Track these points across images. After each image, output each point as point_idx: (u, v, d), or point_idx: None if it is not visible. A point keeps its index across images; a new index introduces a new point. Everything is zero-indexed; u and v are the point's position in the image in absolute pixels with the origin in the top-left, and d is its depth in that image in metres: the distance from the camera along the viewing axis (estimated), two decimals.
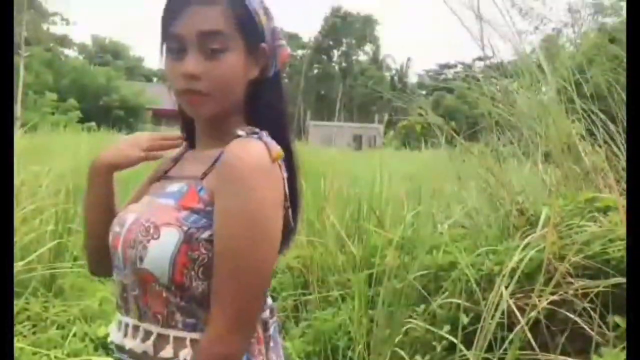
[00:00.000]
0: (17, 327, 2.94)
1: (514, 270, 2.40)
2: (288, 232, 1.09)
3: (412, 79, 53.58)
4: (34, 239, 3.41)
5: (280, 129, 1.12)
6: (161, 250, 1.00)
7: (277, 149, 1.03)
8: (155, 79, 51.32)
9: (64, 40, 32.52)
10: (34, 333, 3.10)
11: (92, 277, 4.31)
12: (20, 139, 6.48)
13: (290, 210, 1.08)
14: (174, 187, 1.11)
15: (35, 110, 16.80)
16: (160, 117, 27.12)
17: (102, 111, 22.01)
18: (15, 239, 3.26)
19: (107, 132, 12.74)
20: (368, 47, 53.60)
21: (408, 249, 3.11)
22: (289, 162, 1.11)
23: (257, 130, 1.06)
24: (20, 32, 19.87)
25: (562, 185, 3.21)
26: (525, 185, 3.41)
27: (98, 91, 22.98)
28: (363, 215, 4.09)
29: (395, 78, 51.60)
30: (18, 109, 15.38)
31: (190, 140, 1.24)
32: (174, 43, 1.07)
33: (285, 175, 1.05)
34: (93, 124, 16.77)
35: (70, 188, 4.58)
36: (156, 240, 1.01)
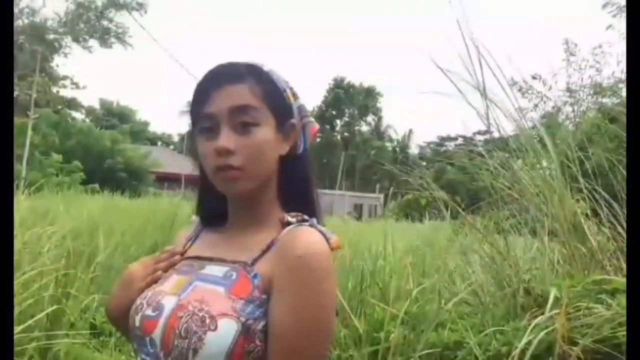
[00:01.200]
0: None
1: (522, 352, 2.35)
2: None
3: (414, 150, 54.30)
4: (32, 303, 3.35)
5: (310, 206, 1.14)
6: (219, 343, 0.97)
7: (335, 239, 1.05)
8: (159, 143, 52.04)
9: (72, 103, 33.20)
10: None
11: (89, 345, 4.22)
12: (24, 200, 6.49)
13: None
14: (215, 271, 1.09)
15: (40, 171, 16.93)
16: (163, 180, 27.31)
17: (106, 173, 22.18)
18: (14, 302, 3.21)
19: (109, 194, 12.77)
20: (370, 118, 54.64)
21: (413, 325, 3.05)
22: None
23: (306, 217, 1.08)
24: (31, 94, 20.31)
25: (568, 264, 3.19)
26: (531, 263, 3.39)
27: (103, 153, 23.25)
28: (366, 287, 4.04)
29: (397, 149, 52.27)
30: (24, 169, 15.50)
31: (205, 218, 1.24)
32: (207, 123, 1.09)
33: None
34: (96, 185, 16.86)
35: (71, 251, 4.55)
36: (213, 332, 0.98)
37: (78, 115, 34.96)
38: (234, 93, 1.08)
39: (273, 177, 1.13)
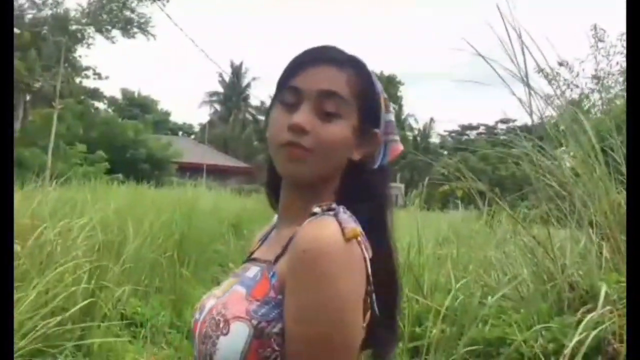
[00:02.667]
0: None
1: (572, 349, 2.27)
2: (372, 321, 0.95)
3: (435, 139, 53.84)
4: (66, 296, 3.34)
5: (376, 227, 1.01)
6: (231, 348, 0.91)
7: (351, 227, 0.91)
8: (180, 133, 52.30)
9: (95, 94, 33.43)
10: None
11: (121, 337, 4.22)
12: (53, 191, 6.52)
13: (373, 296, 0.93)
14: (251, 272, 1.03)
15: (65, 161, 17.10)
16: (185, 170, 27.46)
17: (128, 163, 22.33)
18: (50, 295, 3.21)
19: (134, 184, 12.83)
20: (391, 107, 54.20)
21: (452, 320, 2.98)
22: (382, 242, 1.01)
23: (334, 205, 0.96)
24: (56, 85, 20.48)
25: (614, 258, 3.08)
26: (574, 256, 3.28)
27: (126, 144, 23.40)
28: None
29: (418, 138, 51.90)
30: (49, 160, 15.64)
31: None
32: (290, 95, 1.02)
33: (367, 255, 0.93)
34: (120, 175, 16.98)
35: (101, 243, 4.55)
36: (225, 336, 0.92)
37: (101, 106, 35.22)
38: (329, 76, 1.00)
39: (334, 179, 1.03)
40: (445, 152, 47.63)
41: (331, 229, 0.90)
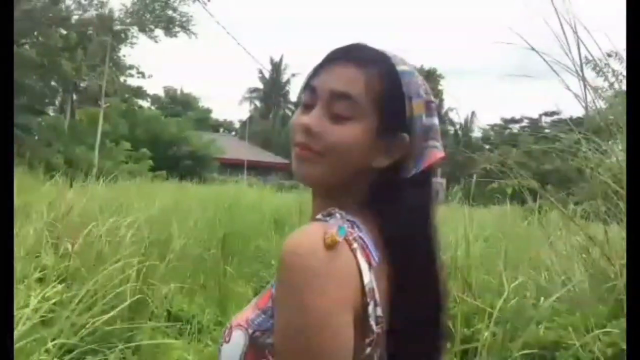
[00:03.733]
0: None
1: None
2: (365, 334, 0.85)
3: (477, 133, 52.90)
4: (115, 295, 3.39)
5: (408, 231, 0.93)
6: (230, 355, 0.89)
7: (331, 232, 0.83)
8: (221, 130, 52.95)
9: (138, 92, 34.16)
10: None
11: (168, 334, 4.27)
12: (101, 189, 6.67)
13: (371, 309, 0.84)
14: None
15: (111, 159, 17.51)
16: (226, 166, 27.78)
17: (171, 160, 22.72)
18: (100, 293, 3.27)
19: (177, 181, 13.05)
20: (434, 110, 53.49)
21: (504, 322, 2.89)
22: (415, 251, 0.93)
23: (333, 210, 0.90)
24: (101, 84, 20.98)
25: None
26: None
27: (169, 141, 23.81)
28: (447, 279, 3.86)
29: (459, 132, 51.14)
30: (96, 158, 16.06)
31: None
32: (307, 95, 0.98)
33: (362, 263, 0.84)
34: (164, 172, 17.29)
35: (146, 241, 4.62)
36: (227, 344, 0.90)
37: (144, 104, 35.96)
38: (346, 77, 0.94)
39: (354, 187, 0.96)
40: (487, 147, 46.75)
41: (310, 236, 0.83)
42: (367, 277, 0.84)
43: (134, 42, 23.88)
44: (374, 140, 0.94)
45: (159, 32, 22.65)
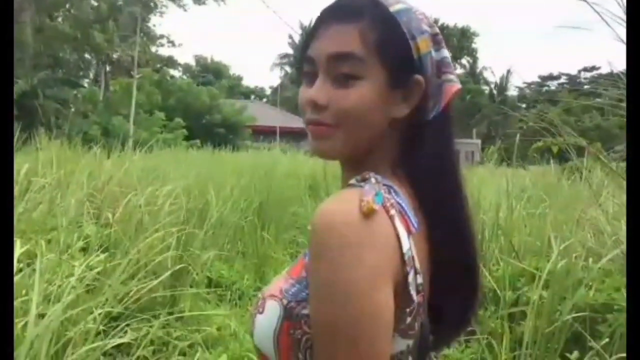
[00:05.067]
0: (141, 352, 2.92)
1: None
2: (404, 304, 0.81)
3: (513, 91, 51.68)
4: (157, 263, 3.42)
5: (436, 183, 0.89)
6: (264, 327, 0.85)
7: (367, 199, 0.78)
8: (252, 97, 52.98)
9: (169, 61, 34.34)
10: (157, 359, 3.09)
11: (209, 300, 4.32)
12: (138, 159, 6.73)
13: (411, 278, 0.80)
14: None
15: (146, 129, 17.69)
16: (258, 133, 27.82)
17: (204, 129, 22.83)
18: (143, 262, 3.31)
19: (211, 149, 13.12)
20: (465, 60, 52.46)
21: (549, 284, 2.80)
22: (447, 219, 0.89)
23: (368, 175, 0.84)
24: (133, 55, 21.10)
25: None
26: None
27: (201, 110, 23.88)
28: (489, 241, 3.79)
29: (495, 91, 50.01)
30: (131, 128, 16.24)
31: None
32: (308, 67, 0.92)
33: (402, 231, 0.79)
34: (197, 141, 17.41)
35: (184, 209, 4.64)
36: (261, 315, 0.86)
37: (175, 73, 36.17)
38: (338, 35, 0.88)
39: (384, 146, 0.90)
40: (524, 105, 45.68)
41: (345, 203, 0.78)
42: (406, 244, 0.80)
43: (163, 12, 23.88)
44: (387, 92, 0.88)
45: (187, 0, 22.56)
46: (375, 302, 0.76)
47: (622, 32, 3.21)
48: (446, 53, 0.94)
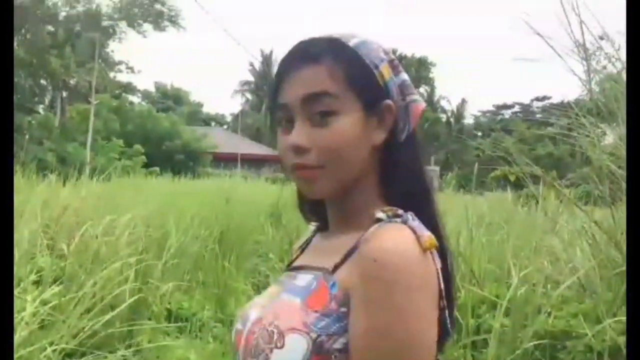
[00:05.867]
0: None
1: None
2: (442, 337, 0.86)
3: (469, 120, 52.94)
4: (114, 296, 3.33)
5: (419, 201, 0.93)
6: None
7: (427, 236, 0.83)
8: (213, 124, 52.72)
9: (128, 88, 33.97)
10: None
11: (168, 332, 4.21)
12: (95, 187, 6.58)
13: (446, 311, 0.86)
14: (301, 280, 0.93)
15: (103, 156, 17.37)
16: (219, 160, 27.65)
17: (164, 155, 22.57)
18: (99, 296, 3.21)
19: (171, 177, 12.96)
20: (423, 89, 53.57)
21: (512, 313, 2.84)
22: (439, 245, 0.91)
23: (400, 211, 0.87)
24: (91, 81, 20.79)
25: None
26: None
27: (161, 136, 23.65)
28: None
29: (452, 120, 51.12)
30: (88, 155, 15.92)
31: (321, 222, 1.06)
32: (282, 113, 0.94)
33: (439, 266, 0.84)
34: (157, 168, 17.18)
35: (142, 239, 4.55)
36: (280, 349, 0.84)
37: (134, 99, 35.77)
38: (307, 78, 0.91)
39: (368, 171, 0.94)
40: (480, 134, 46.83)
41: (406, 238, 0.82)
42: (442, 280, 0.85)
43: (122, 38, 23.65)
44: (364, 122, 0.92)
45: (147, 26, 22.43)
46: (432, 339, 0.81)
47: (573, 63, 3.34)
48: (405, 76, 0.98)
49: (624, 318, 2.50)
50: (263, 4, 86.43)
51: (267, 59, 53.41)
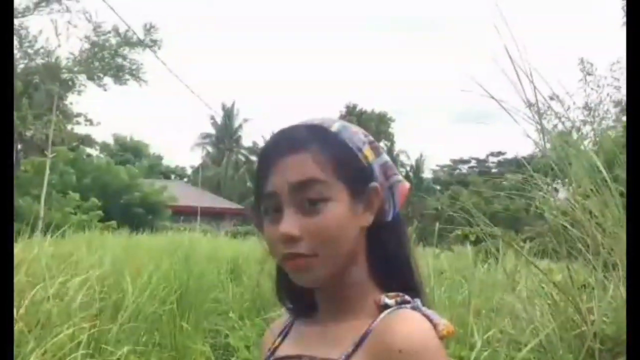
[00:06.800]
0: None
1: None
2: None
3: (427, 174, 53.99)
4: None
5: (409, 282, 0.95)
6: None
7: (444, 323, 0.86)
8: (173, 176, 52.21)
9: (86, 140, 33.47)
10: None
11: None
12: (48, 245, 6.35)
13: None
14: None
15: (58, 210, 16.91)
16: (179, 213, 27.25)
17: (122, 209, 22.14)
18: None
19: (128, 231, 12.67)
20: (382, 143, 54.64)
21: None
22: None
23: (407, 298, 0.89)
24: (48, 133, 20.43)
25: None
26: (600, 302, 3.14)
27: (119, 189, 23.25)
28: None
29: (410, 174, 52.05)
30: (42, 209, 15.46)
31: (295, 309, 1.05)
32: (269, 202, 0.93)
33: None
34: (114, 222, 16.79)
35: (99, 303, 4.39)
36: None
37: (92, 152, 35.22)
38: (293, 166, 0.91)
39: (359, 254, 0.95)
40: (438, 187, 47.70)
41: (423, 326, 0.85)
42: None
43: (81, 90, 23.47)
44: (353, 206, 0.92)
45: (107, 80, 22.36)
46: None
47: (523, 122, 3.47)
48: (386, 157, 1.00)
49: None
50: (224, 58, 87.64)
51: (228, 112, 53.76)
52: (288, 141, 0.94)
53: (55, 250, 6.26)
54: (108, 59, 21.52)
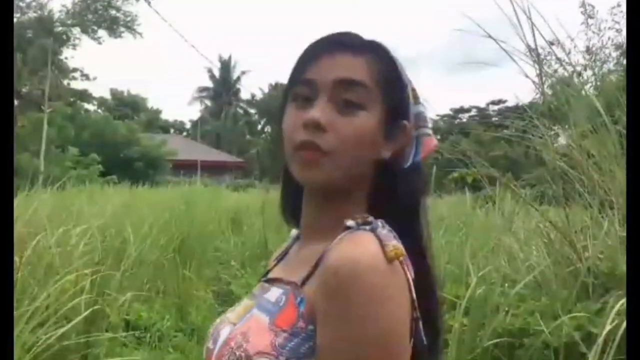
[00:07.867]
0: None
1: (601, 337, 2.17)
2: (419, 352, 0.82)
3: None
4: (70, 308, 3.23)
5: (411, 230, 0.89)
6: None
7: (393, 244, 0.78)
8: (172, 131, 52.01)
9: (83, 95, 33.18)
10: None
11: (126, 344, 4.11)
12: (48, 197, 6.38)
13: (420, 323, 0.81)
14: (272, 294, 0.89)
15: (58, 165, 16.91)
16: (179, 168, 27.30)
17: (122, 164, 22.13)
18: (53, 308, 3.11)
19: (129, 185, 12.70)
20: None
21: (471, 312, 2.88)
22: (422, 263, 0.89)
23: (370, 219, 0.83)
24: (44, 89, 20.26)
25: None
26: (587, 238, 3.17)
27: (119, 144, 23.18)
28: None
29: None
30: (42, 164, 15.48)
31: (290, 222, 1.02)
32: (304, 90, 0.89)
33: (411, 276, 0.80)
34: (114, 177, 16.81)
35: (100, 249, 4.43)
36: None
37: (90, 107, 35.00)
38: (346, 63, 0.88)
39: (363, 184, 0.91)
40: (438, 137, 47.52)
41: (369, 247, 0.77)
42: (413, 290, 0.80)
43: (76, 44, 23.13)
44: (380, 130, 0.89)
45: (102, 32, 22.01)
46: (403, 353, 0.77)
47: (526, 66, 3.42)
48: (422, 108, 0.96)
49: (579, 314, 2.56)
50: (220, 11, 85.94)
51: (225, 65, 53.12)
52: (345, 41, 0.91)
53: (56, 203, 6.29)
54: (102, 11, 21.13)
